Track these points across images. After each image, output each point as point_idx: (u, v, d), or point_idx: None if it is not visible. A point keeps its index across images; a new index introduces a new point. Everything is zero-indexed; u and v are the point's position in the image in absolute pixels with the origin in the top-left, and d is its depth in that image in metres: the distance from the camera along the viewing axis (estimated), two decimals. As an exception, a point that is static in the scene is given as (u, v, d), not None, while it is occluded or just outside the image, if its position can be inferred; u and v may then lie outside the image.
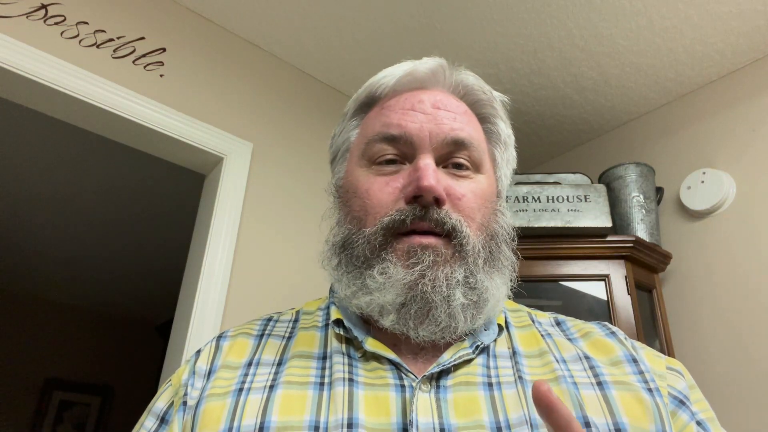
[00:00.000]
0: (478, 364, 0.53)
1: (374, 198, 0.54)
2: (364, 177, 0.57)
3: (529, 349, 0.56)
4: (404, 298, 0.51)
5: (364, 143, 0.59)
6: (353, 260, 0.54)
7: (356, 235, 0.55)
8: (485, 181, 0.58)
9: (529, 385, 0.50)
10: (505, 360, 0.54)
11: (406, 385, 0.50)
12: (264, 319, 0.63)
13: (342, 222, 0.58)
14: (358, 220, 0.55)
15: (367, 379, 0.51)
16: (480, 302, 0.53)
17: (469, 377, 0.51)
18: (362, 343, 0.53)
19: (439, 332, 0.51)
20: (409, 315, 0.51)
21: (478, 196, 0.56)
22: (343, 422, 0.46)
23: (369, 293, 0.52)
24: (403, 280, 0.50)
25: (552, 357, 0.54)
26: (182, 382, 0.55)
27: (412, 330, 0.51)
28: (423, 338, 0.52)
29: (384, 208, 0.53)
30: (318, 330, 0.59)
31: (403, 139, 0.56)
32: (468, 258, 0.52)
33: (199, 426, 0.49)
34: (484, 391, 0.50)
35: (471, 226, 0.54)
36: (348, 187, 0.59)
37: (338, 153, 0.64)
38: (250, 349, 0.57)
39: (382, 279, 0.51)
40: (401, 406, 0.48)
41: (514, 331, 0.59)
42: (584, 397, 0.49)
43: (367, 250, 0.53)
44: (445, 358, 0.52)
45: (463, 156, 0.57)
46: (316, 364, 0.54)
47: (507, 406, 0.48)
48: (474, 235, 0.53)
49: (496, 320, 0.58)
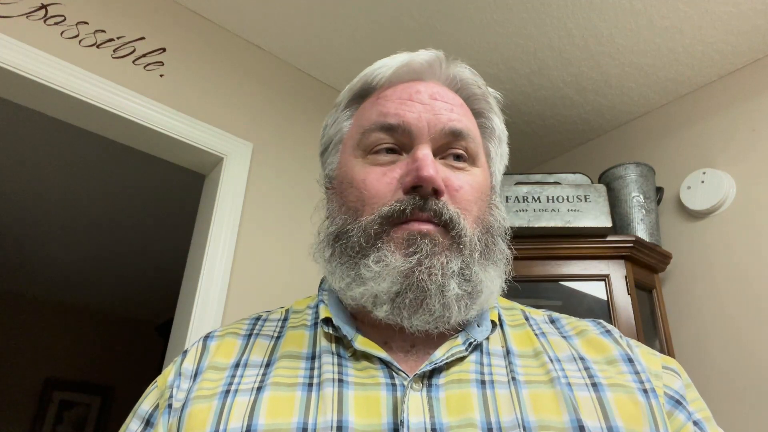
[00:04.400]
0: (472, 362, 0.52)
1: (371, 188, 0.53)
2: (360, 167, 0.56)
3: (523, 348, 0.55)
4: (399, 287, 0.50)
5: (359, 133, 0.58)
6: (347, 251, 0.53)
7: (351, 225, 0.53)
8: (481, 175, 0.58)
9: (523, 386, 0.49)
10: (498, 358, 0.53)
11: (398, 384, 0.49)
12: (253, 318, 0.62)
13: (336, 213, 0.57)
14: (353, 211, 0.54)
15: (357, 379, 0.50)
16: (474, 293, 0.52)
17: (462, 375, 0.50)
18: (352, 341, 0.52)
19: (432, 322, 0.51)
20: (404, 304, 0.50)
21: (475, 188, 0.56)
22: (332, 424, 0.45)
23: (363, 283, 0.51)
24: (401, 267, 0.50)
25: (546, 357, 0.53)
26: (168, 383, 0.54)
27: (405, 320, 0.51)
28: (416, 328, 0.51)
29: (382, 198, 0.53)
30: (307, 329, 0.58)
31: (400, 129, 0.55)
32: (464, 250, 0.52)
33: (185, 429, 0.48)
34: (476, 388, 0.49)
35: (468, 218, 0.53)
36: (342, 178, 0.58)
37: (330, 144, 0.63)
38: (237, 350, 0.56)
39: (378, 267, 0.50)
40: (392, 405, 0.47)
41: (507, 329, 0.58)
42: (578, 399, 0.48)
43: (363, 239, 0.52)
44: (437, 355, 0.51)
45: (461, 147, 0.56)
46: (304, 364, 0.52)
47: (499, 407, 0.47)
48: (470, 228, 0.53)
49: (490, 317, 0.57)
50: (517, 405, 0.47)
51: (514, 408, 0.47)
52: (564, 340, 0.56)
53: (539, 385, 0.49)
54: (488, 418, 0.46)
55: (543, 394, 0.48)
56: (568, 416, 0.46)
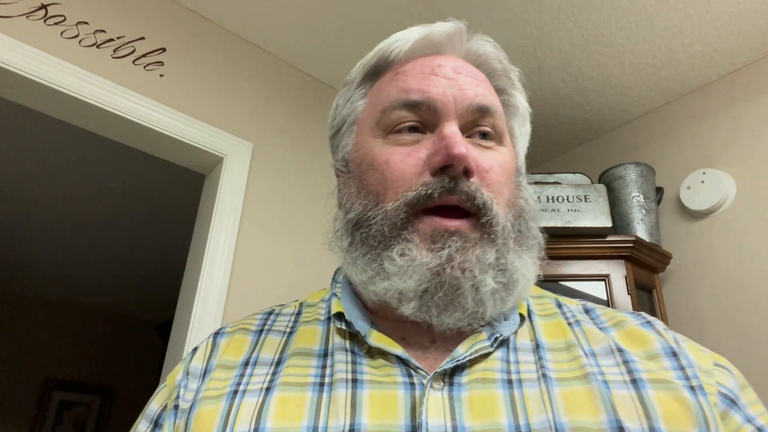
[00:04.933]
0: (497, 359, 0.47)
1: (395, 170, 0.49)
2: (380, 148, 0.51)
3: (554, 341, 0.50)
4: (428, 285, 0.45)
5: (378, 111, 0.53)
6: (369, 240, 0.48)
7: (373, 212, 0.49)
8: (508, 154, 0.54)
9: (555, 384, 0.45)
10: (527, 354, 0.48)
11: (416, 383, 0.45)
12: (265, 313, 0.58)
13: (354, 198, 0.52)
14: (375, 195, 0.50)
15: (373, 377, 0.46)
16: (510, 285, 0.48)
17: (487, 373, 0.46)
18: (366, 338, 0.48)
19: (465, 319, 0.47)
20: (432, 302, 0.46)
21: (504, 169, 0.51)
22: (344, 428, 0.42)
23: (387, 278, 0.47)
24: (429, 264, 0.45)
25: (580, 350, 0.48)
26: (176, 383, 0.52)
27: (435, 318, 0.46)
28: (447, 326, 0.47)
29: (407, 181, 0.48)
30: (319, 324, 0.54)
31: (425, 105, 0.50)
32: (497, 238, 0.47)
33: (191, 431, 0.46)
34: (503, 389, 0.44)
35: (500, 202, 0.49)
36: (361, 161, 0.53)
37: (343, 125, 0.58)
38: (247, 347, 0.52)
39: (403, 262, 0.46)
40: (410, 406, 0.43)
41: (537, 320, 0.52)
42: (616, 398, 0.43)
43: (386, 227, 0.47)
44: (459, 351, 0.46)
45: (488, 125, 0.52)
46: (316, 362, 0.49)
47: (528, 407, 0.43)
48: (503, 213, 0.49)
49: (518, 309, 0.52)
50: (548, 405, 0.43)
51: (544, 408, 0.43)
52: (600, 332, 0.51)
53: (572, 382, 0.45)
54: (516, 420, 0.42)
55: (577, 392, 0.44)
56: (605, 416, 0.42)
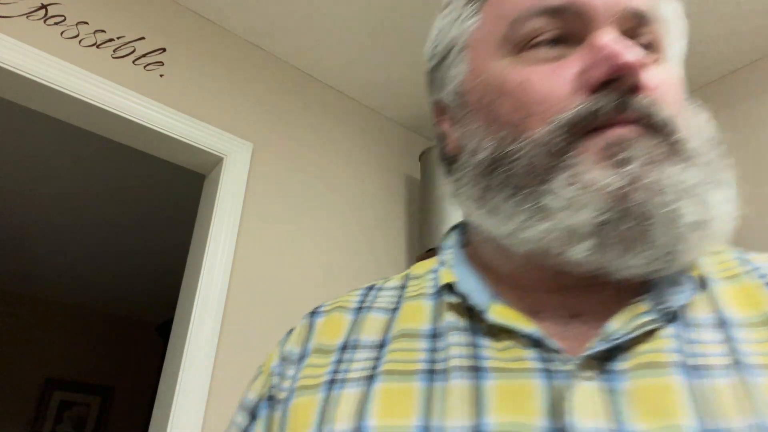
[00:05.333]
0: (668, 336, 0.35)
1: (537, 92, 0.38)
2: (512, 68, 0.41)
3: (746, 313, 0.37)
4: (610, 215, 0.34)
5: (504, 25, 0.42)
6: (513, 180, 0.38)
7: (516, 144, 0.38)
8: (675, 71, 0.43)
9: (755, 372, 0.32)
10: (709, 331, 0.36)
11: (557, 371, 0.34)
12: (365, 288, 0.50)
13: (483, 134, 0.42)
14: (512, 126, 0.39)
15: (497, 363, 0.36)
16: (710, 222, 0.37)
17: (656, 356, 0.34)
18: (482, 313, 0.39)
19: (654, 263, 0.35)
20: (615, 238, 0.34)
21: (674, 88, 0.41)
22: (465, 430, 0.34)
23: (547, 218, 0.36)
24: (609, 187, 0.34)
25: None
26: (271, 369, 0.45)
27: (615, 261, 0.35)
28: (628, 273, 0.36)
29: (556, 102, 0.38)
30: (426, 299, 0.44)
31: (570, 10, 0.39)
32: (692, 160, 0.37)
33: (288, 428, 0.40)
34: (681, 375, 0.33)
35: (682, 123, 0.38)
36: (484, 89, 0.42)
37: (449, 53, 0.47)
38: (346, 328, 0.45)
39: (572, 192, 0.35)
40: (549, 401, 0.33)
41: (718, 286, 0.39)
42: None
43: (539, 158, 0.37)
44: (613, 327, 0.35)
45: (649, 34, 0.41)
46: (424, 344, 0.40)
47: (720, 405, 0.31)
48: (690, 135, 0.38)
49: (690, 271, 0.39)
50: (747, 401, 0.31)
51: (742, 406, 0.31)
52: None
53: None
54: (703, 422, 0.31)
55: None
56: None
